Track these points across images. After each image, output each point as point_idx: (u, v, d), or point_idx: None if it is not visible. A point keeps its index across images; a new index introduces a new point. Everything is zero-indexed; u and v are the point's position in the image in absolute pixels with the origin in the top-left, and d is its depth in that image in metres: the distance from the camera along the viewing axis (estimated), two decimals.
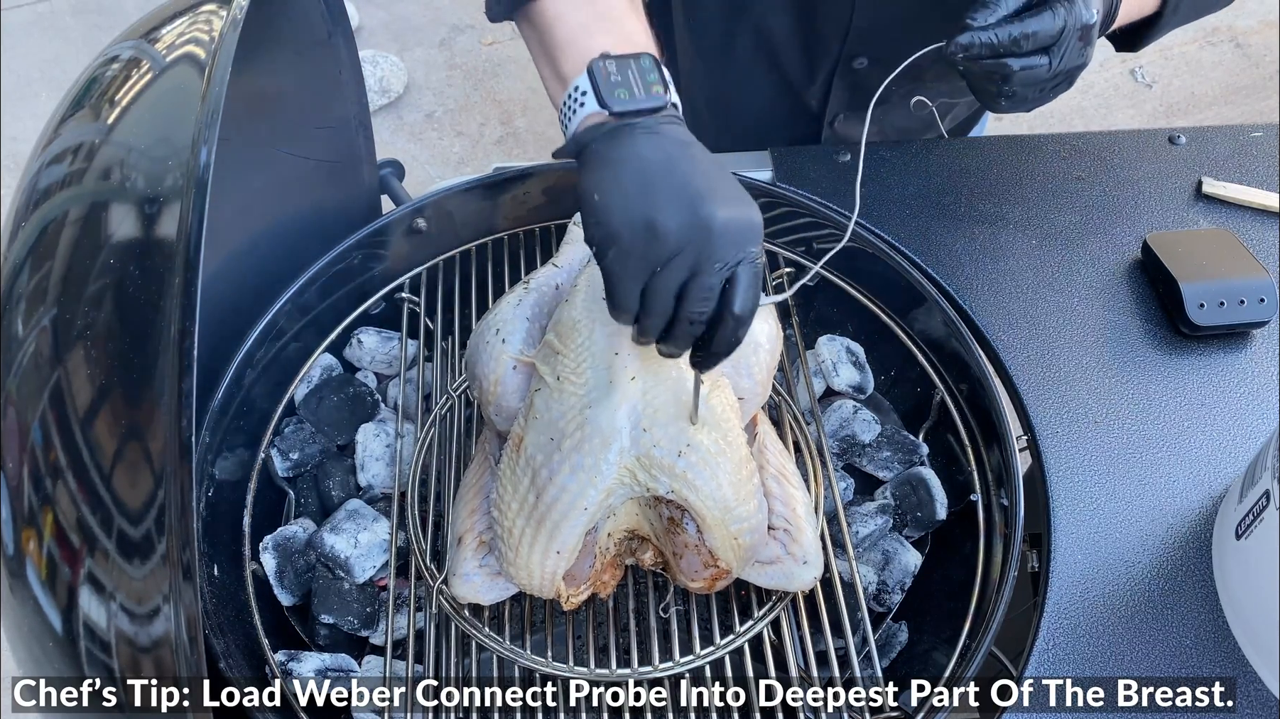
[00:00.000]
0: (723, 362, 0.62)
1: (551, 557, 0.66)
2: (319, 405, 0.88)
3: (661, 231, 0.58)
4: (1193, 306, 0.87)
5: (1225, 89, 2.62)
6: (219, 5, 0.61)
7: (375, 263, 0.93)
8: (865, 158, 1.01)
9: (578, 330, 0.71)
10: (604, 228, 0.59)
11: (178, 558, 0.46)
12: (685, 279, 0.59)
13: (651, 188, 0.59)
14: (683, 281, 0.59)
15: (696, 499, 0.65)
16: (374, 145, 0.96)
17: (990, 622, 0.71)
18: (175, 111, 0.56)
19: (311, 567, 0.80)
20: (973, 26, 0.72)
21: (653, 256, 0.58)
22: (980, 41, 0.72)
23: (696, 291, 0.59)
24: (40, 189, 0.59)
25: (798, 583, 0.71)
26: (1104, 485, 0.80)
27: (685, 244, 0.58)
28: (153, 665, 0.47)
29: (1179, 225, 0.97)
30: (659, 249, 0.58)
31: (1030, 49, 0.73)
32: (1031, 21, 0.72)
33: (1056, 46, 0.73)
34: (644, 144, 0.61)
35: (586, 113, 0.63)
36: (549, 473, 0.65)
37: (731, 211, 0.59)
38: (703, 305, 0.59)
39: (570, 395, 0.67)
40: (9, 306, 0.54)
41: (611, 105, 0.62)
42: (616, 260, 0.59)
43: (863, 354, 0.93)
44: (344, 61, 0.86)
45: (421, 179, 2.40)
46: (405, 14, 2.82)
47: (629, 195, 0.59)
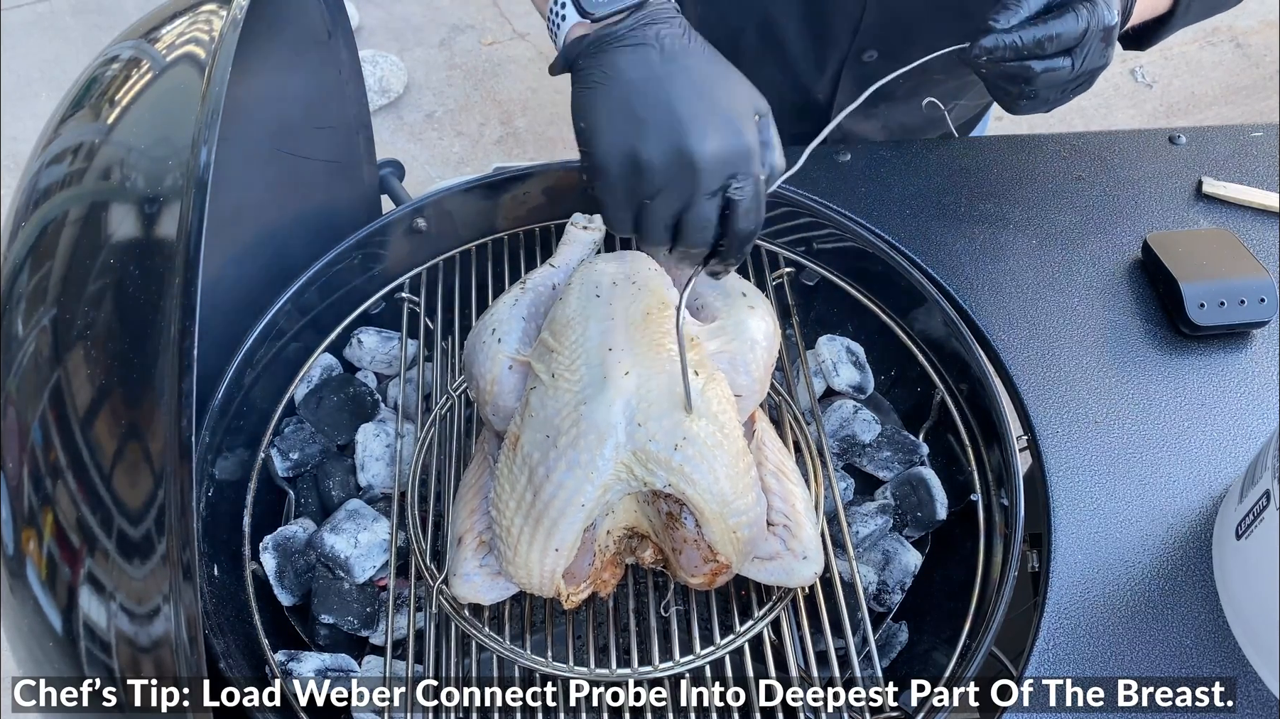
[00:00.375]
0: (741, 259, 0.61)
1: (550, 554, 0.66)
2: (319, 405, 0.88)
3: (645, 165, 0.57)
4: (1193, 306, 0.87)
5: (1225, 89, 2.62)
6: (219, 5, 0.61)
7: (375, 263, 0.93)
8: (865, 156, 1.02)
9: (571, 327, 0.71)
10: (589, 158, 0.58)
11: (178, 558, 0.46)
12: (678, 210, 0.58)
13: (634, 115, 0.57)
14: (676, 213, 0.58)
15: (694, 492, 0.65)
16: (374, 145, 0.96)
17: (990, 622, 0.71)
18: (175, 111, 0.56)
19: (311, 567, 0.80)
20: (995, 29, 0.71)
21: (640, 190, 0.58)
22: (1005, 44, 0.71)
23: (693, 222, 0.58)
24: (40, 189, 0.59)
25: (798, 578, 0.71)
26: (1104, 485, 0.80)
27: (671, 179, 0.57)
28: (153, 665, 0.47)
29: (1179, 225, 0.97)
30: (644, 184, 0.57)
31: (1054, 51, 0.72)
32: (1056, 23, 0.72)
33: (1080, 48, 0.73)
34: (628, 60, 0.58)
35: (569, 25, 0.62)
36: (546, 470, 0.65)
37: (717, 141, 0.57)
38: (701, 235, 0.59)
39: (565, 392, 0.67)
40: (9, 306, 0.55)
41: (591, 11, 0.60)
42: (605, 191, 0.59)
43: (863, 354, 0.93)
44: (344, 61, 0.86)
45: (421, 179, 2.40)
46: (405, 14, 2.82)
47: (613, 124, 0.57)
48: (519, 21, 2.79)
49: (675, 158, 0.57)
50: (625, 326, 0.70)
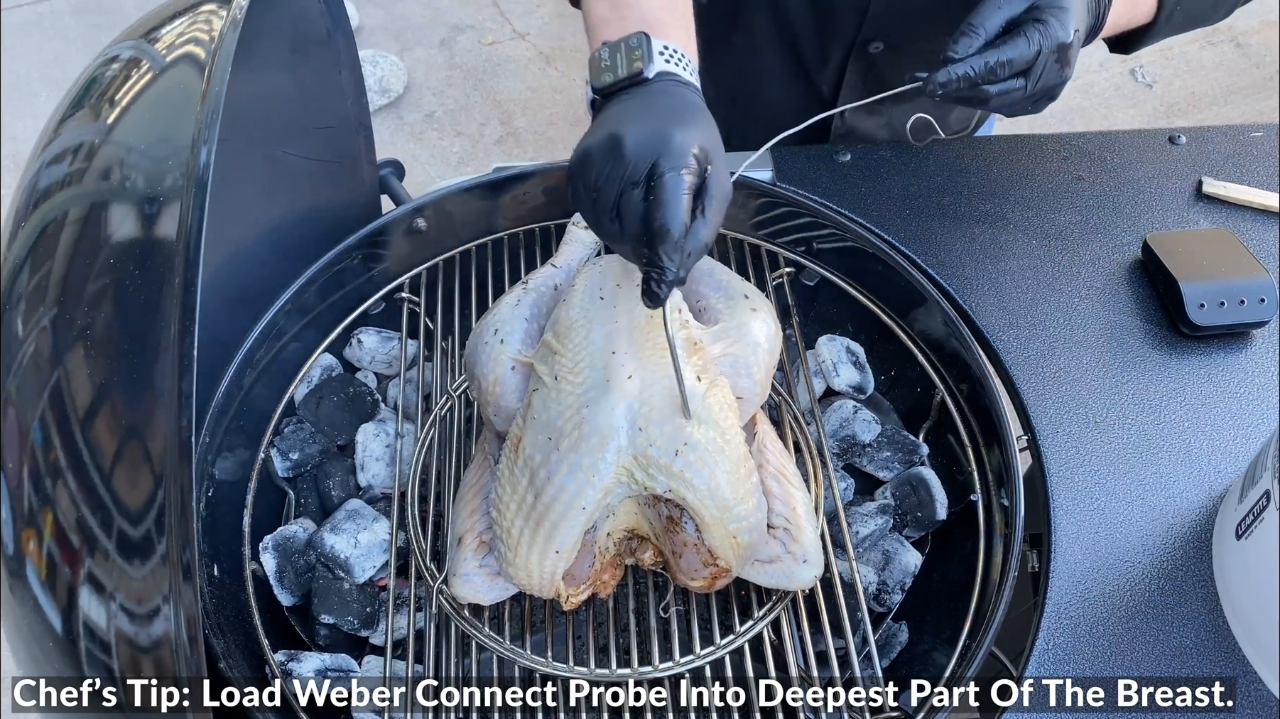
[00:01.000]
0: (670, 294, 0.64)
1: (550, 556, 0.66)
2: (319, 405, 0.88)
3: (591, 157, 0.65)
4: (1193, 306, 0.87)
5: (1225, 89, 2.62)
6: (219, 5, 0.61)
7: (375, 263, 0.93)
8: (865, 156, 1.02)
9: (575, 330, 0.71)
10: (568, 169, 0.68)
11: (178, 558, 0.46)
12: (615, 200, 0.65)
13: (599, 128, 0.66)
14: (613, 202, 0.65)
15: (694, 498, 0.65)
16: (374, 145, 0.96)
17: (990, 622, 0.71)
18: (175, 111, 0.56)
19: (311, 567, 0.80)
20: (953, 59, 0.75)
21: (589, 179, 0.65)
22: (957, 76, 0.75)
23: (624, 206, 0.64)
24: (40, 189, 0.59)
25: (798, 582, 0.71)
26: (1104, 485, 0.80)
27: (604, 165, 0.64)
28: (153, 665, 0.47)
29: (1179, 225, 0.97)
30: (589, 172, 0.65)
31: (1007, 75, 0.75)
32: (1007, 49, 0.75)
33: (1033, 69, 0.76)
34: (613, 105, 0.69)
35: (589, 99, 0.73)
36: (547, 473, 0.65)
37: (643, 132, 0.64)
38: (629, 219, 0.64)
39: (568, 395, 0.67)
40: (9, 306, 0.54)
41: (598, 89, 0.71)
42: (572, 193, 0.67)
43: (863, 354, 0.93)
44: (344, 61, 0.86)
45: (421, 179, 2.40)
46: (405, 14, 2.82)
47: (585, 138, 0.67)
48: (519, 21, 2.79)
49: (605, 145, 0.64)
50: (629, 330, 0.70)
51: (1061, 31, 0.75)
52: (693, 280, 0.80)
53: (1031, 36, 0.74)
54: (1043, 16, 0.75)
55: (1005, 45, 0.75)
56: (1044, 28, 0.74)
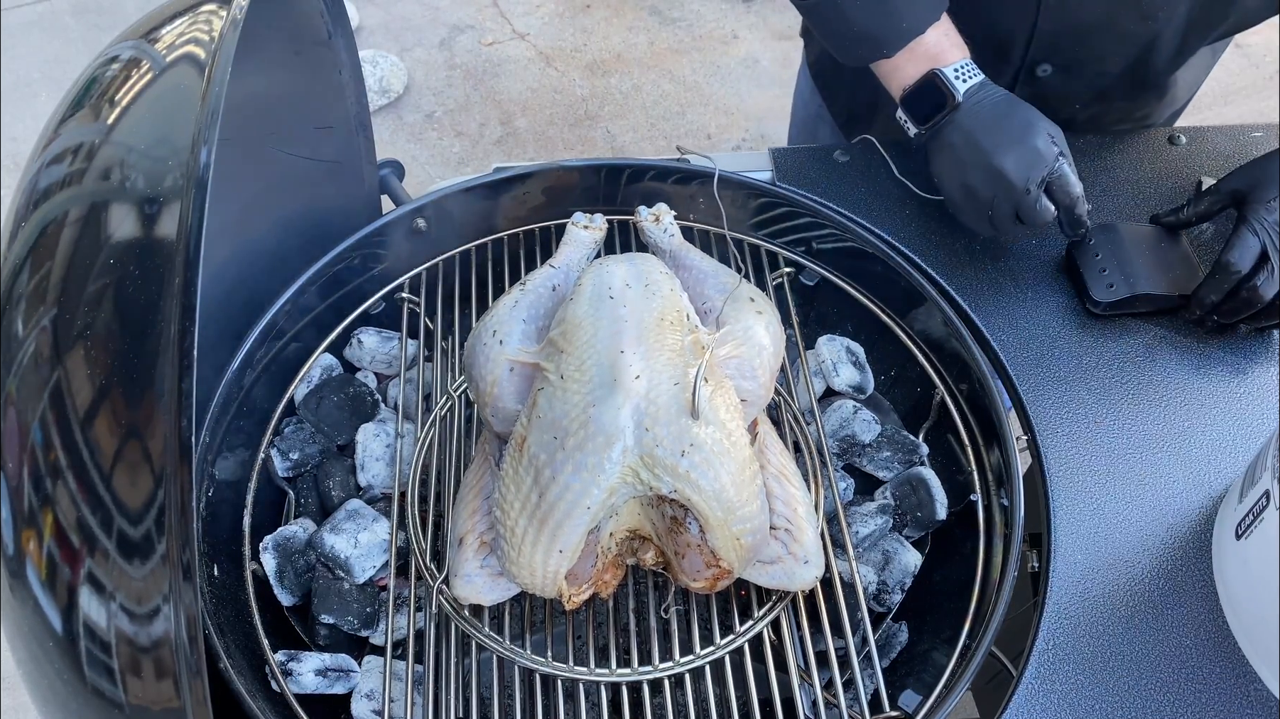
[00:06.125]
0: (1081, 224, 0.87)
1: (554, 556, 0.66)
2: (319, 405, 0.88)
3: (975, 191, 0.87)
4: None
5: (1225, 89, 2.62)
6: (219, 5, 0.61)
7: (375, 263, 0.93)
8: (865, 156, 1.02)
9: (582, 329, 0.70)
10: (945, 195, 0.91)
11: (178, 558, 0.46)
12: (1012, 211, 0.85)
13: (960, 163, 0.87)
14: (1011, 214, 0.85)
15: (699, 499, 0.65)
16: (374, 145, 0.96)
17: (990, 622, 0.71)
18: (175, 111, 0.56)
19: (311, 567, 0.80)
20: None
21: (979, 206, 0.87)
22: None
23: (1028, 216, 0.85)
24: (40, 189, 0.59)
25: (799, 582, 0.71)
26: (1104, 485, 0.80)
27: (994, 194, 0.85)
28: (153, 665, 0.47)
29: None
30: (979, 202, 0.86)
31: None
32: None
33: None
34: (950, 134, 0.89)
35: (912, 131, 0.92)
36: (552, 472, 0.65)
37: (1012, 155, 0.84)
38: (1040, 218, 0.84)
39: (574, 394, 0.67)
40: (9, 306, 0.54)
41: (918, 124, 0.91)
42: (961, 214, 0.91)
43: (863, 354, 0.93)
44: (344, 61, 0.86)
45: (421, 179, 2.40)
46: (405, 14, 2.82)
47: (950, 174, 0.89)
48: (519, 21, 2.79)
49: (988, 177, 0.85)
50: (637, 329, 0.70)
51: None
52: (698, 283, 0.81)
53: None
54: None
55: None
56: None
